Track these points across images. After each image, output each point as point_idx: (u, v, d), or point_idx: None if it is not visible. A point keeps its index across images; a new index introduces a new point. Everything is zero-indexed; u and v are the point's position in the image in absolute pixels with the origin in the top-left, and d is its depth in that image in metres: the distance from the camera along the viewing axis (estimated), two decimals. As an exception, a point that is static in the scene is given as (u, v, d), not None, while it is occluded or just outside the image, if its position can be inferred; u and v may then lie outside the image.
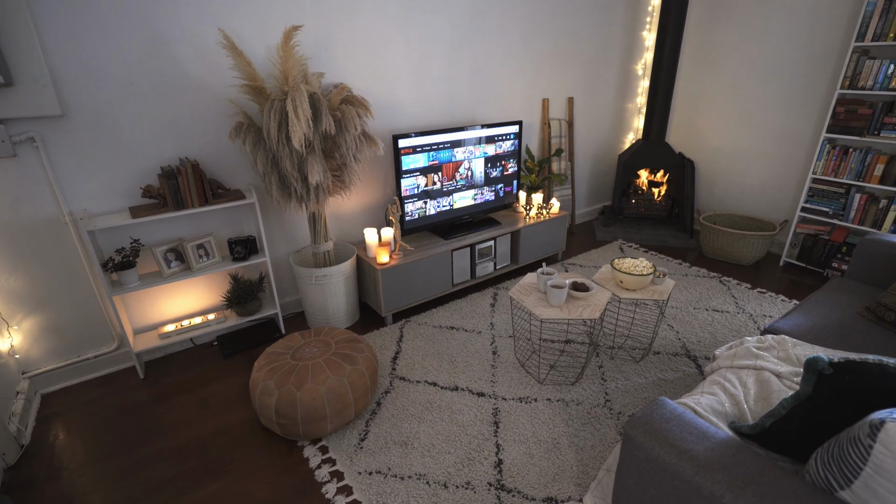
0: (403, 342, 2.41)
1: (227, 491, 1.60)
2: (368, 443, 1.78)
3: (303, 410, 1.70)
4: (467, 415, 1.91)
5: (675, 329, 2.48)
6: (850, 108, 2.75)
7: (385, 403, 1.98)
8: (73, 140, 1.88)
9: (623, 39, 3.72)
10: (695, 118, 3.81)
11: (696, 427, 0.98)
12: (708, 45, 3.56)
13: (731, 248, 3.24)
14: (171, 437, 1.84)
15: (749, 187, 3.57)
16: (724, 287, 2.94)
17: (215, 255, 2.25)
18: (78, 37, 1.78)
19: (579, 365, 2.19)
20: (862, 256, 2.06)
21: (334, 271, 2.40)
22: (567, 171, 3.70)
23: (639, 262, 2.10)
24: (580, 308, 1.89)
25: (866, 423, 0.75)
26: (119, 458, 1.74)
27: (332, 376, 1.77)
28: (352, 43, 2.43)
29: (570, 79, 3.53)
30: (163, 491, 1.61)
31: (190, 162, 2.02)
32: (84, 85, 1.84)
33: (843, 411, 0.94)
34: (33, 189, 1.86)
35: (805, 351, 1.49)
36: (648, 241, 3.67)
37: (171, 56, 1.98)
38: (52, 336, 2.06)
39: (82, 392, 2.09)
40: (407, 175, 2.58)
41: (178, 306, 2.34)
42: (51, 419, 1.94)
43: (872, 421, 0.74)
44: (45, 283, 1.99)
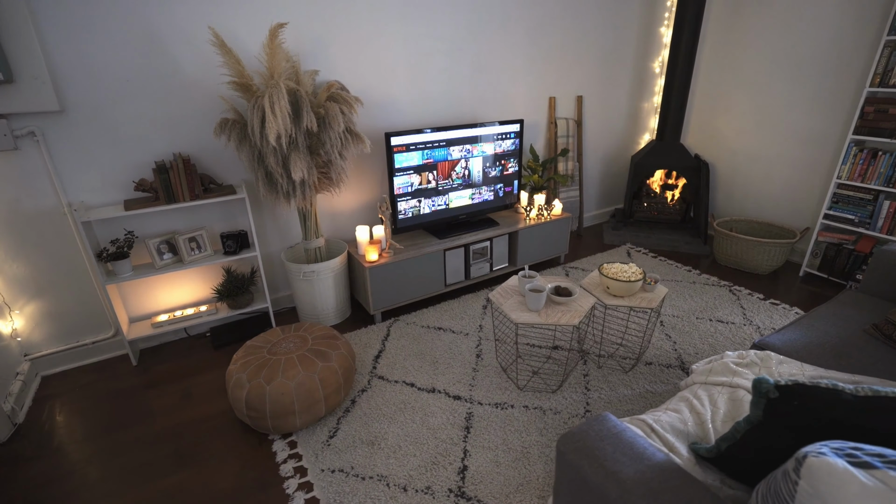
0: (389, 341, 2.40)
1: (194, 480, 1.64)
2: (337, 440, 1.78)
3: (271, 405, 1.72)
4: (440, 418, 1.87)
5: (673, 339, 2.36)
6: (880, 107, 2.54)
7: (360, 402, 1.98)
8: (71, 135, 1.97)
9: (639, 36, 3.58)
10: (713, 119, 3.62)
11: (633, 447, 0.91)
12: (729, 41, 3.37)
13: (746, 256, 3.06)
14: (151, 424, 1.89)
15: (770, 192, 3.36)
16: (734, 297, 2.78)
17: (207, 249, 2.31)
18: (76, 35, 1.86)
19: (564, 372, 2.12)
20: (878, 268, 1.89)
21: (323, 268, 2.41)
22: (574, 171, 3.59)
23: (628, 267, 2.01)
24: (559, 314, 1.83)
25: (794, 458, 0.67)
26: (100, 442, 1.81)
27: (302, 372, 1.77)
28: (348, 40, 2.44)
29: (579, 77, 3.42)
30: (134, 475, 1.66)
31: (182, 157, 2.07)
32: (82, 82, 1.92)
33: (797, 440, 0.86)
34: (34, 181, 1.95)
35: (791, 369, 1.38)
36: (659, 246, 3.52)
37: (167, 54, 2.04)
38: (53, 321, 2.17)
39: (79, 376, 2.19)
40: (400, 173, 2.57)
41: (173, 297, 2.41)
42: (46, 400, 2.04)
43: (798, 455, 0.66)
44: (45, 271, 2.09)
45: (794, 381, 0.81)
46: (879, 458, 0.62)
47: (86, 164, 2.03)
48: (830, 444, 0.66)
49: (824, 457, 0.61)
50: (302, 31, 2.30)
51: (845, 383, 1.27)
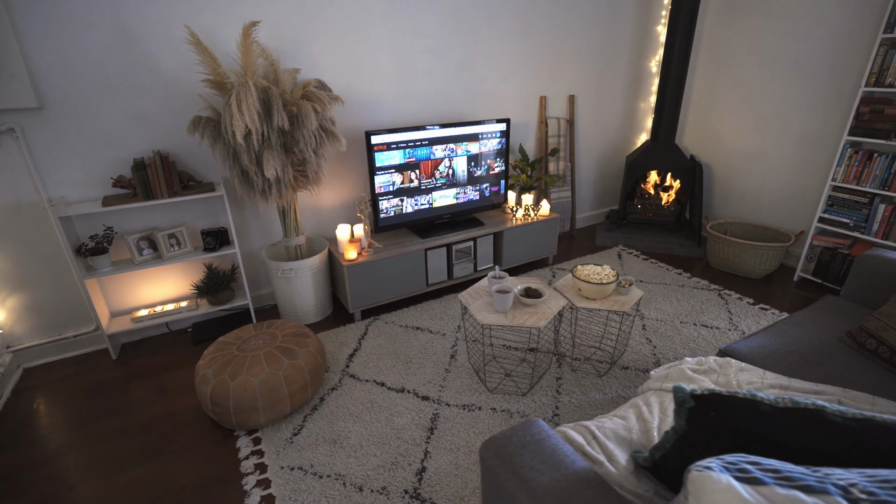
0: (365, 339, 2.40)
1: (156, 473, 1.65)
2: (300, 438, 1.78)
3: (234, 401, 1.73)
4: (405, 418, 1.86)
5: (653, 343, 2.32)
6: (875, 107, 2.46)
7: (329, 400, 1.98)
8: (51, 131, 2.00)
9: (635, 35, 3.52)
10: (710, 119, 3.54)
11: (554, 455, 0.89)
12: (726, 40, 3.30)
13: (738, 260, 2.99)
14: (123, 417, 1.92)
15: (766, 194, 3.27)
16: (722, 301, 2.71)
17: (187, 245, 2.33)
18: (53, 34, 1.89)
19: (537, 375, 2.09)
20: (859, 274, 1.82)
21: (301, 265, 2.42)
22: (566, 171, 3.55)
23: (601, 269, 1.97)
24: (526, 315, 1.80)
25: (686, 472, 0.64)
26: (72, 434, 1.84)
27: (267, 369, 1.78)
28: (330, 39, 2.44)
29: (571, 76, 3.38)
30: (99, 467, 1.68)
31: (160, 154, 2.10)
32: (60, 80, 1.95)
33: (724, 451, 0.83)
34: (15, 176, 1.99)
35: (751, 377, 1.33)
36: (651, 249, 3.46)
37: (144, 52, 2.07)
38: (35, 314, 2.21)
39: (60, 368, 2.23)
40: (381, 172, 2.56)
41: (154, 292, 2.44)
42: (26, 392, 2.08)
43: (687, 469, 0.63)
44: (27, 265, 2.13)
45: (710, 391, 0.78)
46: (773, 474, 0.59)
47: (66, 160, 2.06)
48: (725, 458, 0.63)
49: (709, 472, 0.59)
50: (283, 29, 2.31)
51: (772, 393, 1.23)
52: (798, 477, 0.58)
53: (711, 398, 0.77)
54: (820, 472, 0.62)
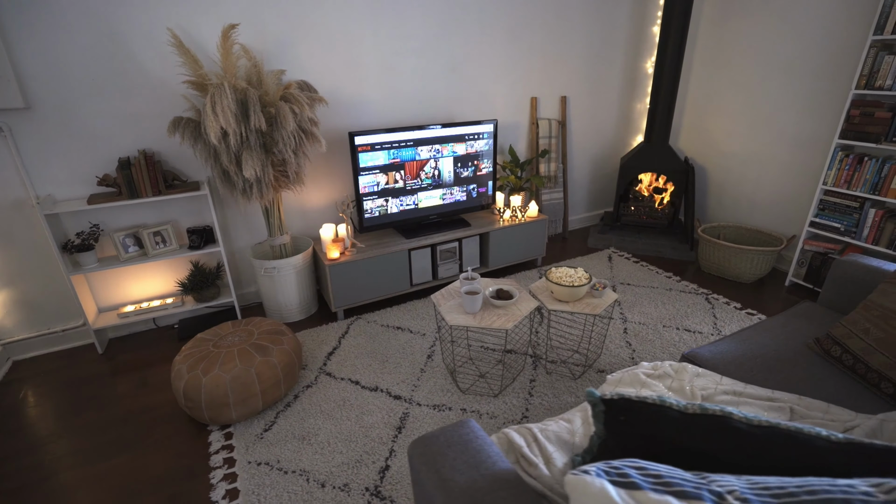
0: (346, 338, 2.42)
1: (128, 465, 1.70)
2: (271, 434, 1.81)
3: (206, 396, 1.76)
4: (375, 416, 1.88)
5: (633, 347, 2.30)
6: (866, 110, 2.41)
7: (303, 397, 2.01)
8: (39, 130, 2.07)
9: (630, 35, 3.49)
10: (705, 120, 3.50)
11: (477, 456, 0.90)
12: (721, 41, 3.25)
13: (729, 264, 2.95)
14: (103, 410, 1.97)
15: (760, 197, 3.22)
16: (709, 305, 2.68)
17: (172, 243, 2.38)
18: (40, 35, 1.95)
19: (505, 377, 2.09)
20: (835, 280, 1.79)
21: (284, 264, 2.46)
22: (558, 173, 3.54)
23: (574, 272, 1.97)
24: (495, 317, 1.81)
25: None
26: (51, 426, 1.90)
27: (239, 366, 1.81)
28: (316, 40, 2.47)
29: (563, 77, 3.37)
30: (73, 459, 1.73)
31: (144, 154, 2.15)
32: (47, 80, 2.01)
33: (643, 456, 0.83)
34: (3, 174, 2.06)
35: (706, 383, 1.32)
36: (643, 251, 3.43)
37: (130, 54, 2.12)
38: (24, 309, 2.28)
39: (47, 362, 2.30)
40: (365, 172, 2.58)
41: (142, 289, 2.50)
42: (12, 384, 2.15)
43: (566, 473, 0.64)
44: (17, 260, 2.20)
45: (619, 395, 0.78)
46: (653, 479, 0.60)
47: (53, 159, 2.13)
48: (611, 463, 0.63)
49: (584, 475, 0.59)
50: (269, 31, 2.35)
51: (724, 400, 1.21)
52: (677, 483, 0.58)
53: (621, 403, 0.77)
54: (706, 479, 0.62)
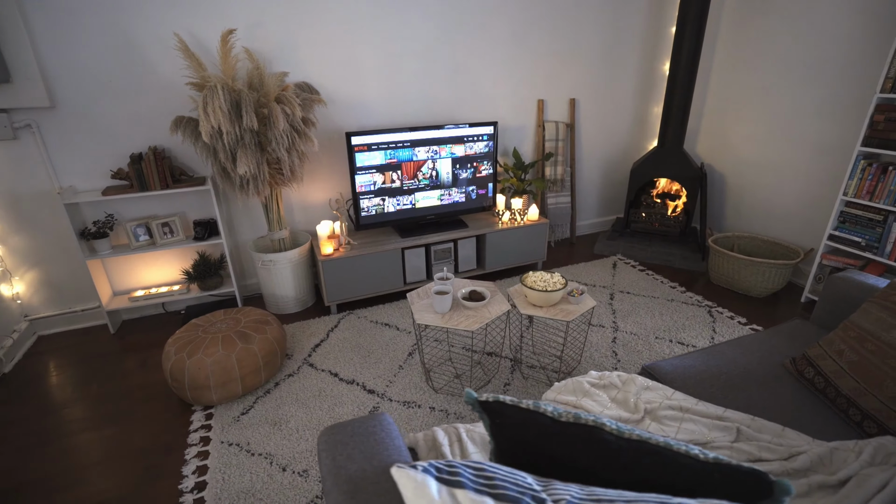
0: (334, 332, 2.50)
1: (117, 436, 1.84)
2: (247, 417, 1.90)
3: (189, 377, 1.88)
4: (346, 408, 1.94)
5: (619, 357, 2.24)
6: (890, 116, 2.23)
7: (283, 385, 2.09)
8: (62, 127, 2.27)
9: (646, 36, 3.39)
10: (724, 125, 3.34)
11: (376, 447, 0.92)
12: (742, 43, 3.10)
13: (739, 276, 2.81)
14: (104, 386, 2.14)
15: (779, 207, 3.04)
16: (710, 319, 2.56)
17: (179, 234, 2.54)
18: (63, 41, 2.14)
19: (485, 379, 2.09)
20: (828, 297, 1.68)
21: (280, 258, 2.56)
22: (565, 176, 3.48)
23: (550, 276, 1.94)
24: (463, 318, 1.82)
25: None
26: (58, 396, 2.08)
27: (220, 351, 1.92)
28: (318, 43, 2.57)
29: (572, 78, 3.31)
30: (70, 426, 1.89)
31: (154, 150, 2.31)
32: (69, 82, 2.21)
33: (532, 460, 0.82)
34: (32, 166, 2.27)
35: (653, 396, 1.28)
36: (651, 260, 3.31)
37: (144, 58, 2.29)
38: (49, 289, 2.51)
39: (67, 338, 2.52)
40: (362, 172, 2.65)
41: (152, 275, 2.68)
42: (34, 356, 2.37)
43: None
44: (43, 244, 2.42)
45: (495, 398, 0.78)
46: (484, 481, 0.60)
47: (74, 153, 2.32)
48: (450, 462, 0.64)
49: (409, 469, 0.60)
50: (272, 34, 2.46)
51: (669, 414, 1.17)
52: (504, 486, 0.59)
53: (495, 406, 0.77)
54: (548, 486, 0.62)
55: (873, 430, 1.17)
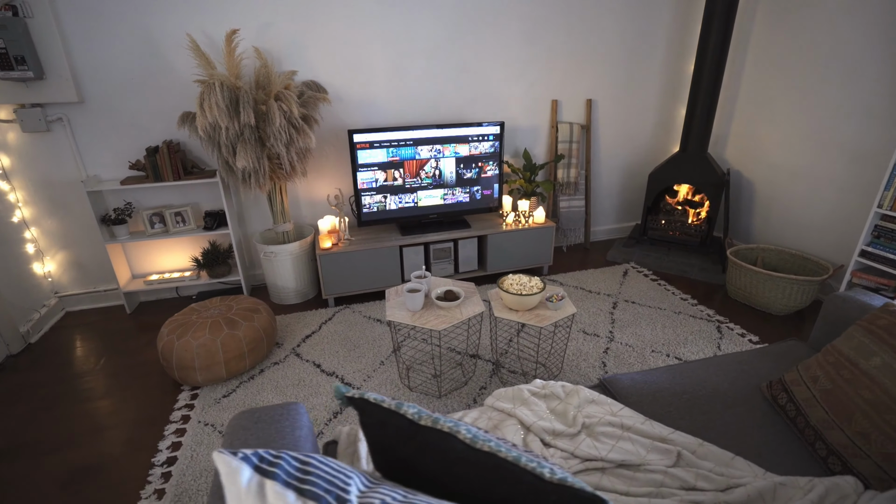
0: (327, 324, 2.56)
1: (111, 407, 1.98)
2: (228, 401, 1.99)
3: (176, 358, 1.99)
4: (321, 399, 1.98)
5: (607, 368, 2.14)
6: (934, 120, 1.98)
7: (268, 372, 2.17)
8: (89, 121, 2.47)
9: (672, 35, 3.22)
10: (755, 129, 3.10)
11: (275, 434, 0.93)
12: (776, 40, 2.87)
13: (757, 291, 2.60)
14: (109, 361, 2.31)
15: (811, 217, 2.79)
16: (718, 335, 2.39)
17: (191, 223, 2.70)
18: (91, 42, 2.33)
19: (461, 381, 2.06)
20: (826, 318, 1.52)
21: (281, 249, 2.66)
22: (578, 179, 3.36)
23: (528, 280, 1.89)
24: (433, 317, 1.80)
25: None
26: (70, 367, 2.26)
27: (207, 335, 2.02)
28: (326, 42, 2.64)
29: (589, 79, 3.20)
30: (72, 396, 2.05)
31: (167, 143, 2.47)
32: (96, 79, 2.40)
33: (394, 463, 0.80)
34: (63, 156, 2.49)
35: (596, 411, 1.22)
36: (666, 270, 3.14)
37: (163, 57, 2.44)
38: (77, 269, 2.74)
39: (89, 315, 2.74)
40: (364, 169, 2.70)
41: (168, 261, 2.86)
42: (59, 330, 2.60)
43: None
44: (72, 228, 2.65)
45: (360, 395, 0.77)
46: (300, 475, 0.59)
47: (100, 145, 2.52)
48: (279, 452, 0.64)
49: (227, 455, 0.60)
50: (282, 34, 2.55)
51: (607, 431, 1.11)
52: (315, 482, 0.58)
53: (360, 403, 0.76)
54: (373, 487, 0.61)
55: (837, 467, 1.05)
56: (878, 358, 1.07)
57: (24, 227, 2.53)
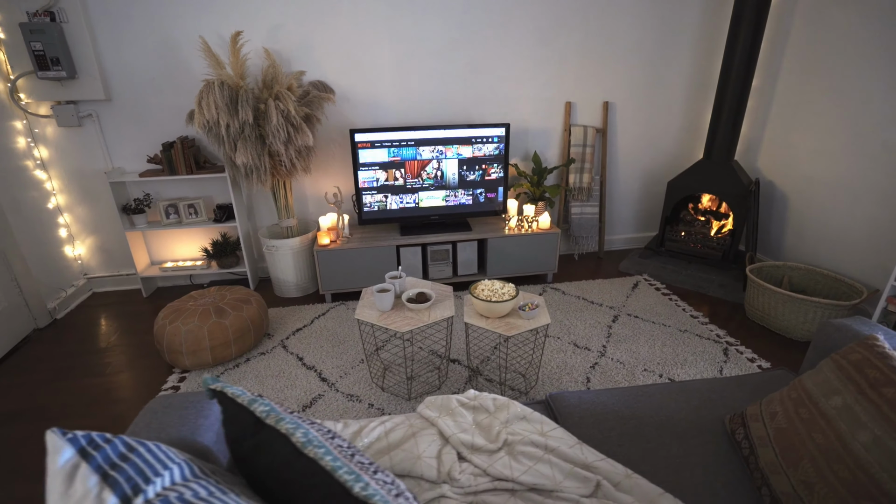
0: (319, 319, 2.61)
1: (108, 383, 2.12)
2: (210, 386, 2.07)
3: (167, 342, 2.10)
4: (296, 391, 2.02)
5: (591, 384, 2.03)
6: None
7: (253, 361, 2.24)
8: (116, 117, 2.67)
9: (700, 35, 3.02)
10: (790, 135, 2.84)
11: (178, 420, 0.95)
12: (816, 37, 2.61)
13: (776, 313, 2.37)
14: (117, 340, 2.48)
15: (847, 235, 2.51)
16: (723, 358, 2.20)
17: (202, 215, 2.85)
18: (117, 45, 2.52)
19: (438, 384, 2.03)
20: (817, 348, 1.35)
21: (282, 244, 2.74)
22: (592, 185, 3.22)
23: (501, 286, 1.83)
24: (400, 318, 1.79)
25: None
26: (83, 344, 2.45)
27: (196, 322, 2.11)
28: (334, 43, 2.70)
29: (607, 81, 3.06)
30: (81, 370, 2.22)
31: (181, 139, 2.62)
32: (122, 78, 2.59)
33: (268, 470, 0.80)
34: (92, 149, 2.71)
35: (524, 428, 1.15)
36: (682, 284, 2.94)
37: (181, 58, 2.60)
38: (103, 253, 2.97)
39: (111, 297, 2.96)
40: (365, 168, 2.73)
41: (184, 250, 3.04)
42: (83, 308, 2.82)
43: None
44: (100, 216, 2.87)
45: (221, 388, 0.76)
46: (117, 459, 0.60)
47: (125, 139, 2.72)
48: (114, 437, 0.64)
49: (57, 434, 0.62)
50: (292, 34, 2.64)
51: (530, 451, 1.04)
52: (122, 467, 0.59)
53: (220, 396, 0.76)
54: (186, 482, 0.61)
55: (777, 517, 0.92)
56: (840, 398, 0.93)
57: (58, 212, 2.78)
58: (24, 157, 2.57)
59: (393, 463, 1.04)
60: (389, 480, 0.72)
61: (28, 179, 2.60)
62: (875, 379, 0.90)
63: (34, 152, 2.62)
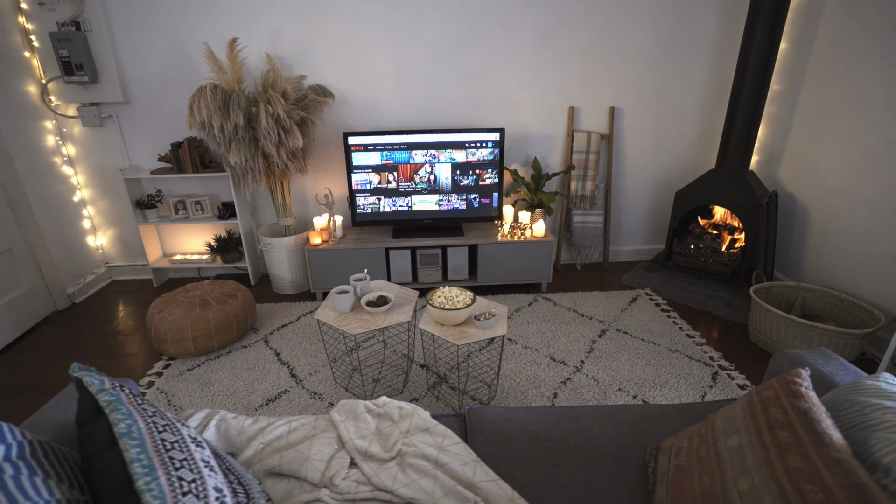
0: (306, 317, 2.67)
1: (99, 365, 2.29)
2: (190, 374, 2.18)
3: (154, 330, 2.24)
4: (265, 384, 2.08)
5: (557, 400, 1.95)
6: None
7: (234, 354, 2.34)
8: (133, 118, 2.88)
9: (717, 38, 2.84)
10: (813, 146, 2.60)
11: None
12: (844, 40, 2.38)
13: (779, 338, 2.18)
14: (120, 325, 2.66)
15: (870, 255, 2.26)
16: (709, 383, 2.05)
17: (208, 212, 3.01)
18: (134, 51, 2.72)
19: (399, 388, 2.03)
20: (769, 378, 1.23)
21: (277, 242, 2.84)
22: (596, 193, 3.10)
23: (458, 294, 1.79)
24: (355, 321, 1.80)
25: None
26: (92, 327, 2.66)
27: (180, 313, 2.24)
28: (333, 48, 2.77)
29: (613, 85, 2.94)
30: (84, 353, 2.41)
31: (188, 140, 2.78)
32: (139, 82, 2.79)
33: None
34: (113, 148, 2.94)
35: (423, 440, 1.12)
36: (685, 301, 2.76)
37: (192, 63, 2.76)
38: (123, 244, 3.20)
39: (127, 285, 3.18)
40: (358, 170, 2.78)
41: (193, 244, 3.22)
42: (101, 295, 3.06)
43: None
44: (119, 209, 3.11)
45: (81, 374, 0.80)
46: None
47: (142, 139, 2.93)
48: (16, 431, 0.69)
49: None
50: (293, 40, 2.74)
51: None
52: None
53: (77, 382, 0.80)
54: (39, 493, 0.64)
55: (656, 562, 0.85)
56: (737, 438, 0.84)
57: (82, 205, 3.03)
58: (53, 154, 2.83)
59: (282, 462, 1.05)
60: (211, 478, 0.72)
61: (56, 174, 2.85)
62: (775, 420, 0.81)
63: (62, 150, 2.88)
